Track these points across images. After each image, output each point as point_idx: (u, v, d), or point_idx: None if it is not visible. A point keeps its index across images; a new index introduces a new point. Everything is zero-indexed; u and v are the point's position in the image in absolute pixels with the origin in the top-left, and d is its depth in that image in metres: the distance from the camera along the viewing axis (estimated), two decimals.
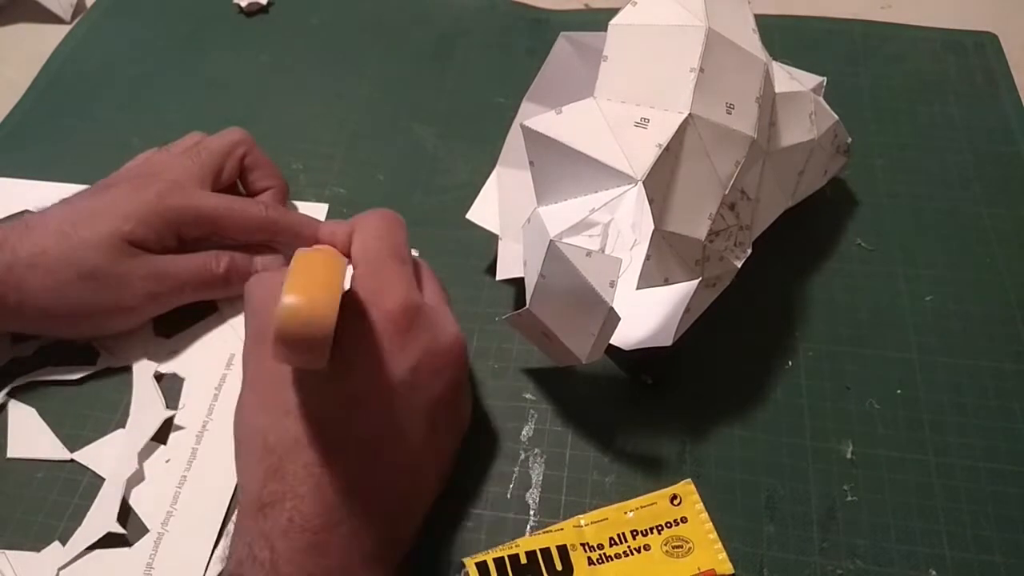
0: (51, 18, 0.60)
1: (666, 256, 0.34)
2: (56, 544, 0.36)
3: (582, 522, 0.35)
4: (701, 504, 0.35)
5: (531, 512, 0.36)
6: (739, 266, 0.36)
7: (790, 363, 0.41)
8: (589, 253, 0.32)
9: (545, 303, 0.34)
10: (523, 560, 0.33)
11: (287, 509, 0.29)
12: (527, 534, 0.35)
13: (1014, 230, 0.46)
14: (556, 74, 0.42)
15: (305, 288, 0.27)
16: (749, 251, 0.37)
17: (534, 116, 0.34)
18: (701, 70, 0.34)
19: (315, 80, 0.56)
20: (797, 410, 0.39)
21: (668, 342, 0.36)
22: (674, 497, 0.35)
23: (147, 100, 0.55)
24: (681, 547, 0.34)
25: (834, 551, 0.35)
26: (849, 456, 0.38)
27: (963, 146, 0.50)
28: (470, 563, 0.33)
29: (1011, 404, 0.39)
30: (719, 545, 0.34)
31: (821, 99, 0.43)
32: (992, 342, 0.41)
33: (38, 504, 0.37)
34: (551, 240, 0.33)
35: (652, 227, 0.33)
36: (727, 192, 0.34)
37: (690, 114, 0.33)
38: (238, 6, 0.60)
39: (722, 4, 0.36)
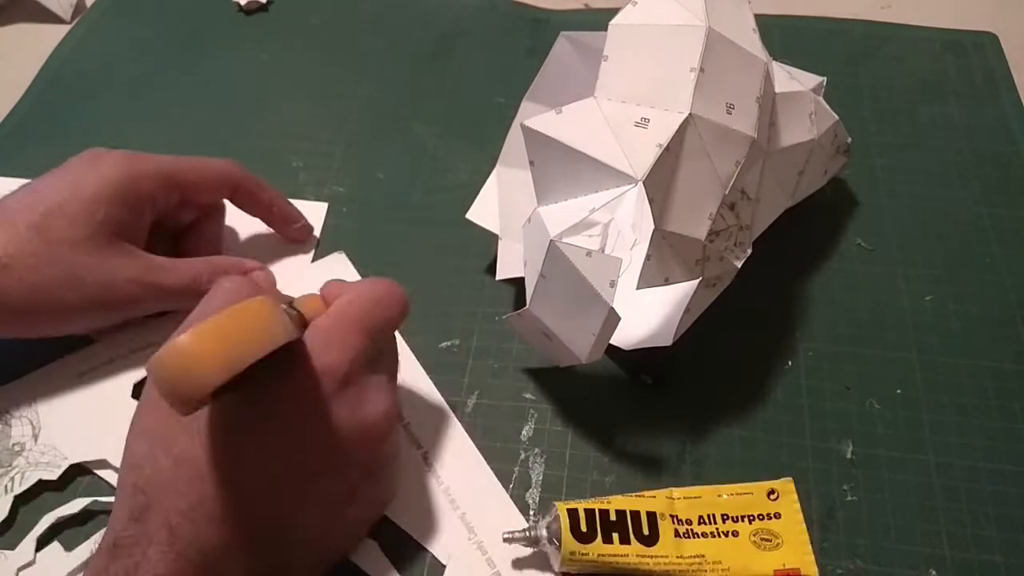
0: (51, 18, 0.60)
1: (666, 256, 0.34)
2: (56, 544, 0.36)
3: (674, 495, 0.35)
4: (798, 505, 0.35)
5: (531, 512, 0.36)
6: (739, 266, 0.36)
7: (790, 363, 0.41)
8: (589, 253, 0.32)
9: (545, 303, 0.34)
10: (612, 517, 0.34)
11: (135, 556, 0.27)
12: None
13: (1014, 230, 0.46)
14: (556, 74, 0.42)
15: (209, 339, 0.24)
16: (749, 251, 0.37)
17: (534, 116, 0.34)
18: (701, 70, 0.34)
19: (315, 79, 0.56)
20: (797, 410, 0.39)
21: (668, 342, 0.36)
22: (772, 492, 0.36)
23: (147, 99, 0.55)
24: (770, 540, 0.34)
25: (834, 551, 0.35)
26: (849, 456, 0.38)
27: (963, 146, 0.50)
28: (561, 507, 0.34)
29: (1011, 404, 0.39)
30: (809, 547, 0.34)
31: (821, 99, 0.43)
32: (992, 342, 0.41)
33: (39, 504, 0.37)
34: (551, 240, 0.33)
35: (652, 227, 0.33)
36: (727, 192, 0.34)
37: (690, 114, 0.33)
38: (237, 5, 0.60)
39: (722, 4, 0.36)
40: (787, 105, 0.39)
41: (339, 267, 0.45)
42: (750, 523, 0.35)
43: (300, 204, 0.48)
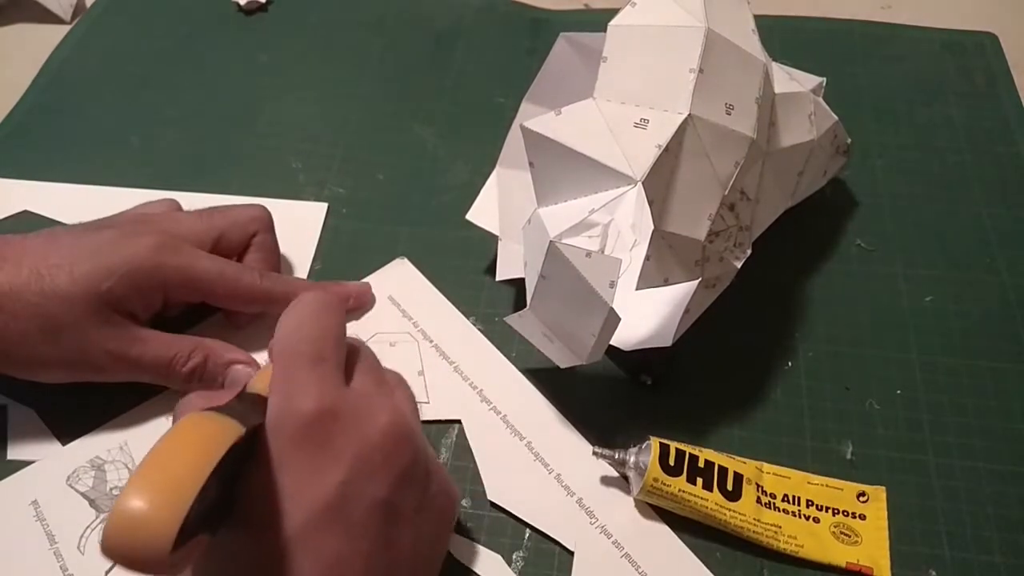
0: (51, 18, 0.60)
1: (666, 257, 0.34)
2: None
3: (764, 468, 0.36)
4: (885, 512, 0.36)
5: None
6: (739, 267, 0.36)
7: (790, 363, 0.41)
8: (589, 254, 0.32)
9: (546, 304, 0.34)
10: (701, 464, 0.35)
11: None
12: (526, 535, 0.35)
13: (1014, 230, 0.46)
14: (556, 74, 0.42)
15: (152, 487, 0.21)
16: (749, 251, 0.37)
17: (534, 116, 0.34)
18: (700, 71, 0.34)
19: (314, 79, 0.56)
20: (797, 410, 0.39)
21: (668, 343, 0.36)
22: (862, 494, 0.36)
23: (146, 99, 0.55)
24: (849, 536, 0.35)
25: None
26: (849, 456, 0.38)
27: (963, 146, 0.50)
28: (655, 441, 0.35)
29: (1011, 404, 0.39)
30: (887, 555, 0.35)
31: (821, 100, 0.43)
32: (992, 342, 0.41)
33: None
34: (551, 241, 0.33)
35: (652, 227, 0.33)
36: (727, 193, 0.34)
37: (689, 115, 0.33)
38: (237, 4, 0.60)
39: (721, 5, 0.36)
40: (787, 106, 0.39)
41: (401, 272, 0.44)
42: (833, 515, 0.35)
43: (300, 205, 0.48)
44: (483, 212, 0.44)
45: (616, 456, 0.35)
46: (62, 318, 0.35)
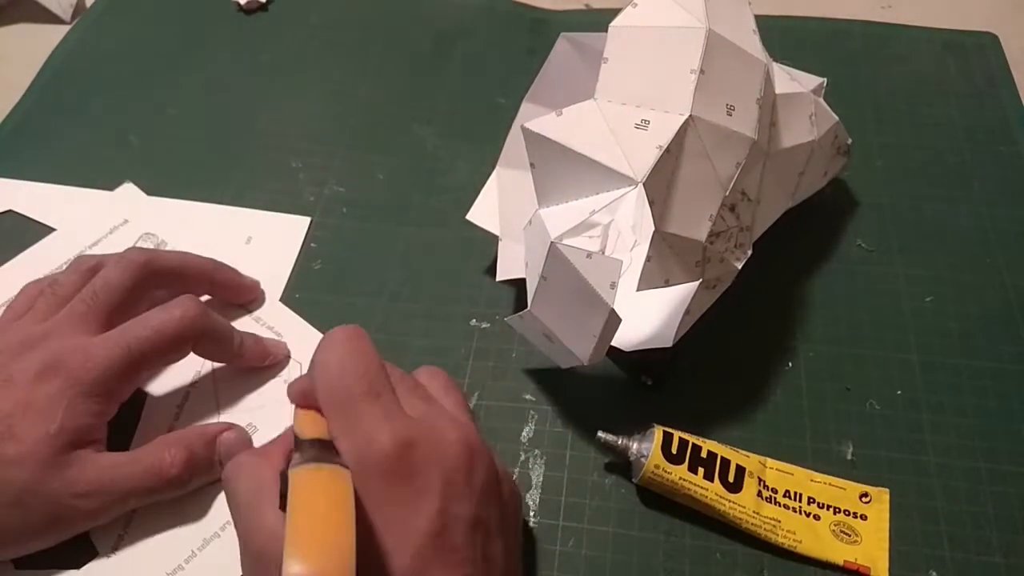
0: (51, 18, 0.60)
1: (666, 257, 0.34)
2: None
3: (767, 463, 0.36)
4: (888, 514, 0.36)
5: (531, 513, 0.36)
6: (739, 267, 0.36)
7: (790, 363, 0.41)
8: (590, 255, 0.32)
9: (546, 304, 0.35)
10: (703, 454, 0.35)
11: None
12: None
13: (1014, 230, 0.46)
14: (556, 75, 0.42)
15: (313, 544, 0.22)
16: (749, 252, 0.37)
17: (534, 117, 0.34)
18: (701, 71, 0.34)
19: (314, 79, 0.56)
20: (797, 410, 0.39)
21: (669, 343, 0.36)
22: (865, 495, 0.36)
23: (146, 99, 0.55)
24: (849, 535, 0.35)
25: None
26: (849, 457, 0.38)
27: (963, 146, 0.50)
28: (659, 429, 0.36)
29: (1011, 404, 0.39)
30: (887, 556, 0.35)
31: (821, 100, 0.43)
32: (992, 342, 0.41)
33: None
34: (552, 241, 0.33)
35: (652, 228, 0.33)
36: (727, 193, 0.34)
37: (690, 116, 0.33)
38: (237, 4, 0.60)
39: (722, 5, 0.36)
40: (787, 106, 0.39)
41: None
42: (834, 514, 0.35)
43: (282, 218, 0.47)
44: (483, 212, 0.44)
45: (620, 443, 0.36)
46: (20, 483, 0.31)
